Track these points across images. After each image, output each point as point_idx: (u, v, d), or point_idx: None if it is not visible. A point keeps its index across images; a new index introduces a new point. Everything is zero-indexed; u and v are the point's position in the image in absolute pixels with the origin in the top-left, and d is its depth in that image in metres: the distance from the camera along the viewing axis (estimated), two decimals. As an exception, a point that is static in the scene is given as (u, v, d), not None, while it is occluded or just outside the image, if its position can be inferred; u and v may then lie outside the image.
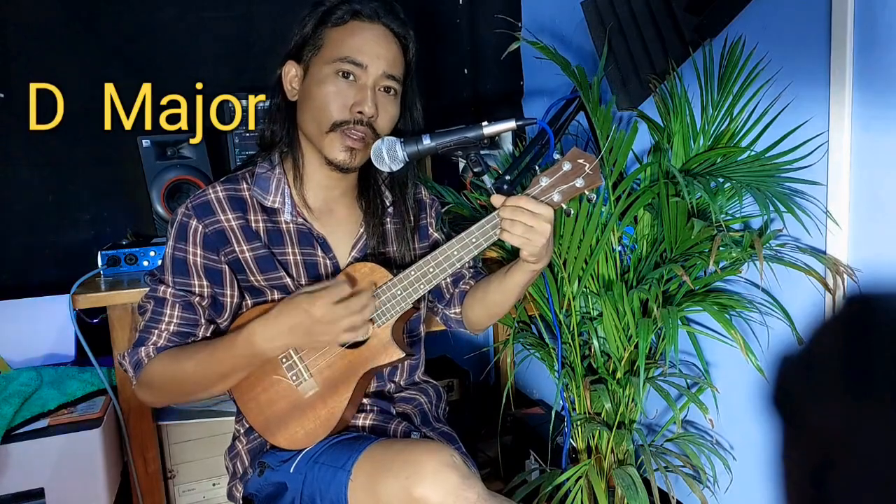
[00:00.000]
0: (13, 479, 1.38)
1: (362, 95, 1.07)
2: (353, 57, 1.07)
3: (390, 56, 1.10)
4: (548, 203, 1.04)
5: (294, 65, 1.12)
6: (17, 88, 1.82)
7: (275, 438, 1.12)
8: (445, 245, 1.08)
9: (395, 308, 1.09)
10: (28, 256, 1.86)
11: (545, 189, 1.05)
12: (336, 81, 1.07)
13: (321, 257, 1.16)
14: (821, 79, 1.29)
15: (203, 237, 1.10)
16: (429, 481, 0.92)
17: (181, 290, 1.09)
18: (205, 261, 1.10)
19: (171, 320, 1.09)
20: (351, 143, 1.08)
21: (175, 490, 1.71)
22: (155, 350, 1.08)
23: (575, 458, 1.63)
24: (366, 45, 1.08)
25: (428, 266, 1.08)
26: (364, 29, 1.09)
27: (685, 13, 1.57)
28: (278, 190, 1.15)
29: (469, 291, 1.30)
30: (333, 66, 1.07)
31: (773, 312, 1.40)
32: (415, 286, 1.08)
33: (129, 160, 1.88)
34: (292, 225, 1.15)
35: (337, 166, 1.11)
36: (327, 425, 1.10)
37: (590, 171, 1.05)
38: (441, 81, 2.40)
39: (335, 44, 1.08)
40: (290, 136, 1.15)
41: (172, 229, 1.11)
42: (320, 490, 1.02)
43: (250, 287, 1.14)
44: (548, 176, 1.05)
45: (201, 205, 1.11)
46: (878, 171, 1.21)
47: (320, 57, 1.09)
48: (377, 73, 1.08)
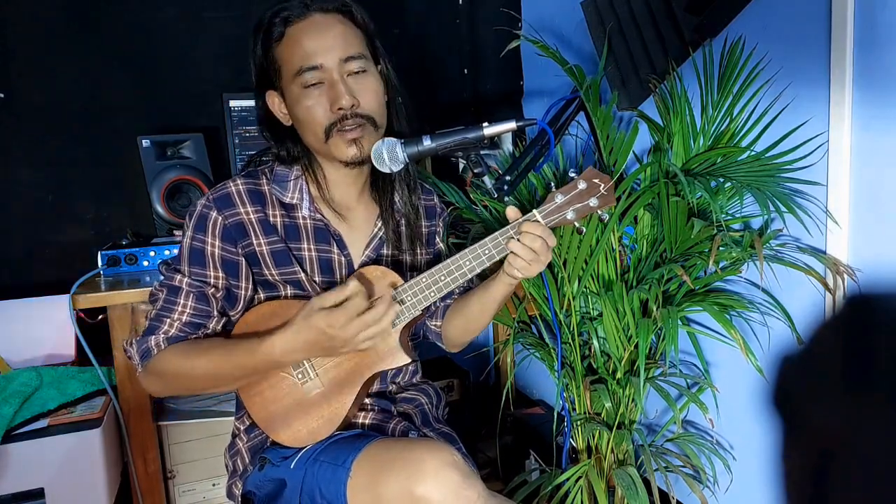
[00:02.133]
0: (13, 479, 1.38)
1: (334, 93, 1.06)
2: (306, 64, 1.06)
3: (339, 39, 1.08)
4: (560, 220, 1.07)
5: (273, 94, 1.13)
6: (17, 88, 1.82)
7: (277, 435, 1.12)
8: (458, 255, 1.08)
9: (405, 314, 1.09)
10: (28, 256, 1.86)
11: (560, 206, 1.07)
12: (308, 94, 1.07)
13: (336, 254, 1.17)
14: (821, 79, 1.29)
15: (223, 229, 1.10)
16: (430, 480, 0.92)
17: (197, 281, 1.09)
18: (222, 252, 1.10)
19: (183, 310, 1.08)
20: (350, 136, 1.08)
21: (175, 490, 1.71)
22: (166, 340, 1.08)
23: (575, 458, 1.63)
24: (311, 46, 1.06)
25: (440, 274, 1.08)
26: (301, 31, 1.07)
27: (685, 13, 1.57)
28: (296, 187, 1.16)
29: (451, 305, 1.30)
30: (297, 81, 1.07)
31: (773, 312, 1.40)
32: (425, 293, 1.08)
33: (129, 160, 1.88)
34: (309, 221, 1.16)
35: (351, 162, 1.11)
36: (331, 425, 1.10)
37: (604, 192, 1.06)
38: (441, 81, 2.40)
39: (286, 60, 1.08)
40: (305, 154, 1.17)
41: (191, 220, 1.11)
42: (320, 488, 1.02)
43: (264, 281, 1.14)
44: (563, 193, 1.07)
45: (222, 197, 1.11)
46: (878, 171, 1.21)
47: (284, 78, 1.09)
48: (334, 63, 1.07)
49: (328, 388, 1.11)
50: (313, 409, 1.11)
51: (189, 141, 1.86)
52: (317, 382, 1.11)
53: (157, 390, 1.14)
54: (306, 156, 1.17)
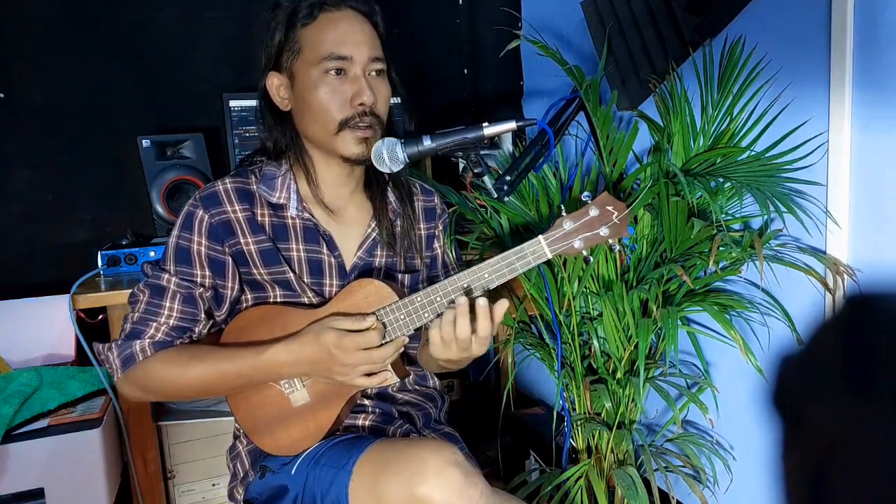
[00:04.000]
0: (13, 479, 1.38)
1: (358, 87, 1.06)
2: (337, 52, 1.05)
3: (369, 38, 1.09)
4: (567, 249, 1.01)
5: (276, 75, 1.11)
6: (17, 88, 1.82)
7: (261, 441, 1.12)
8: (456, 276, 1.03)
9: (396, 333, 1.06)
10: (28, 256, 1.86)
11: (568, 234, 1.01)
12: (328, 81, 1.06)
13: (326, 255, 1.15)
14: (821, 79, 1.29)
15: (209, 227, 1.09)
16: (432, 480, 0.92)
17: (184, 280, 1.08)
18: (208, 251, 1.09)
19: (170, 314, 1.07)
20: (362, 134, 1.08)
21: (175, 490, 1.71)
22: (152, 345, 1.05)
23: (575, 458, 1.63)
24: (344, 36, 1.06)
25: (435, 294, 1.04)
26: (336, 19, 1.07)
27: (685, 13, 1.57)
28: (284, 186, 1.14)
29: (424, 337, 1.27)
30: (320, 66, 1.06)
31: (772, 312, 1.40)
32: (419, 313, 1.04)
33: (129, 160, 1.88)
34: (298, 220, 1.14)
35: (354, 160, 1.10)
36: (314, 437, 1.09)
37: (617, 221, 1.00)
38: (441, 81, 2.40)
39: (313, 43, 1.06)
40: (295, 144, 1.15)
41: (178, 220, 1.11)
42: (321, 491, 1.02)
43: (252, 281, 1.13)
44: (573, 220, 1.00)
45: (209, 196, 1.11)
46: (878, 171, 1.21)
47: (302, 60, 1.08)
48: (363, 60, 1.07)
49: (314, 400, 1.09)
50: (298, 419, 1.09)
51: (189, 141, 1.86)
52: (303, 393, 1.09)
53: (140, 397, 1.10)
54: (296, 147, 1.15)
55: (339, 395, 1.09)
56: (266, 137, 1.17)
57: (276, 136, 1.15)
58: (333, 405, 1.09)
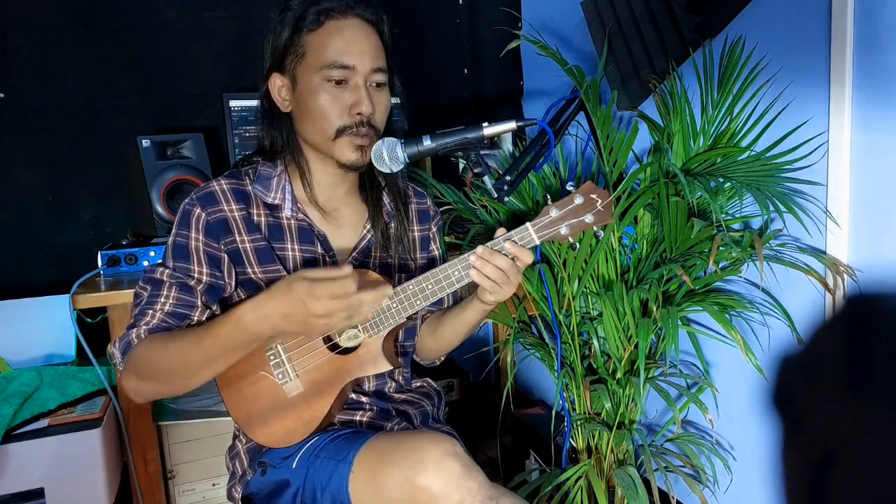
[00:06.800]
0: (13, 479, 1.38)
1: (357, 96, 1.07)
2: (340, 60, 1.06)
3: (373, 49, 1.09)
4: (554, 235, 1.05)
5: (279, 76, 1.12)
6: (17, 88, 1.82)
7: (254, 434, 1.12)
8: (447, 264, 1.06)
9: (389, 321, 1.08)
10: (28, 256, 1.86)
11: (554, 221, 1.04)
12: (329, 89, 1.07)
13: (321, 255, 1.16)
14: (821, 79, 1.29)
15: (205, 224, 1.10)
16: (431, 470, 0.92)
17: (180, 273, 1.09)
18: (206, 247, 1.10)
19: (166, 300, 1.07)
20: (359, 142, 1.09)
21: (175, 490, 1.71)
22: (146, 331, 1.05)
23: (575, 458, 1.63)
24: (348, 45, 1.07)
25: (427, 282, 1.07)
26: (342, 28, 1.07)
27: (685, 13, 1.57)
28: (279, 186, 1.15)
29: (426, 320, 1.30)
30: (322, 73, 1.06)
31: (773, 312, 1.40)
32: (411, 301, 1.07)
33: (129, 160, 1.88)
34: (293, 221, 1.15)
35: (350, 167, 1.11)
36: (307, 427, 1.10)
37: (601, 209, 1.04)
38: (441, 81, 2.40)
39: (317, 49, 1.07)
40: (291, 145, 1.15)
41: (176, 219, 1.12)
42: (322, 483, 1.02)
43: (246, 280, 1.13)
44: (558, 207, 1.04)
45: (205, 195, 1.12)
46: (878, 171, 1.21)
47: (305, 65, 1.08)
48: (365, 70, 1.08)
49: (307, 390, 1.10)
50: (291, 410, 1.10)
51: (189, 141, 1.86)
52: (297, 383, 1.10)
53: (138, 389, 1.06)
54: (292, 148, 1.15)
55: (332, 384, 1.10)
56: (264, 136, 1.17)
57: (273, 136, 1.16)
58: (327, 395, 1.10)
